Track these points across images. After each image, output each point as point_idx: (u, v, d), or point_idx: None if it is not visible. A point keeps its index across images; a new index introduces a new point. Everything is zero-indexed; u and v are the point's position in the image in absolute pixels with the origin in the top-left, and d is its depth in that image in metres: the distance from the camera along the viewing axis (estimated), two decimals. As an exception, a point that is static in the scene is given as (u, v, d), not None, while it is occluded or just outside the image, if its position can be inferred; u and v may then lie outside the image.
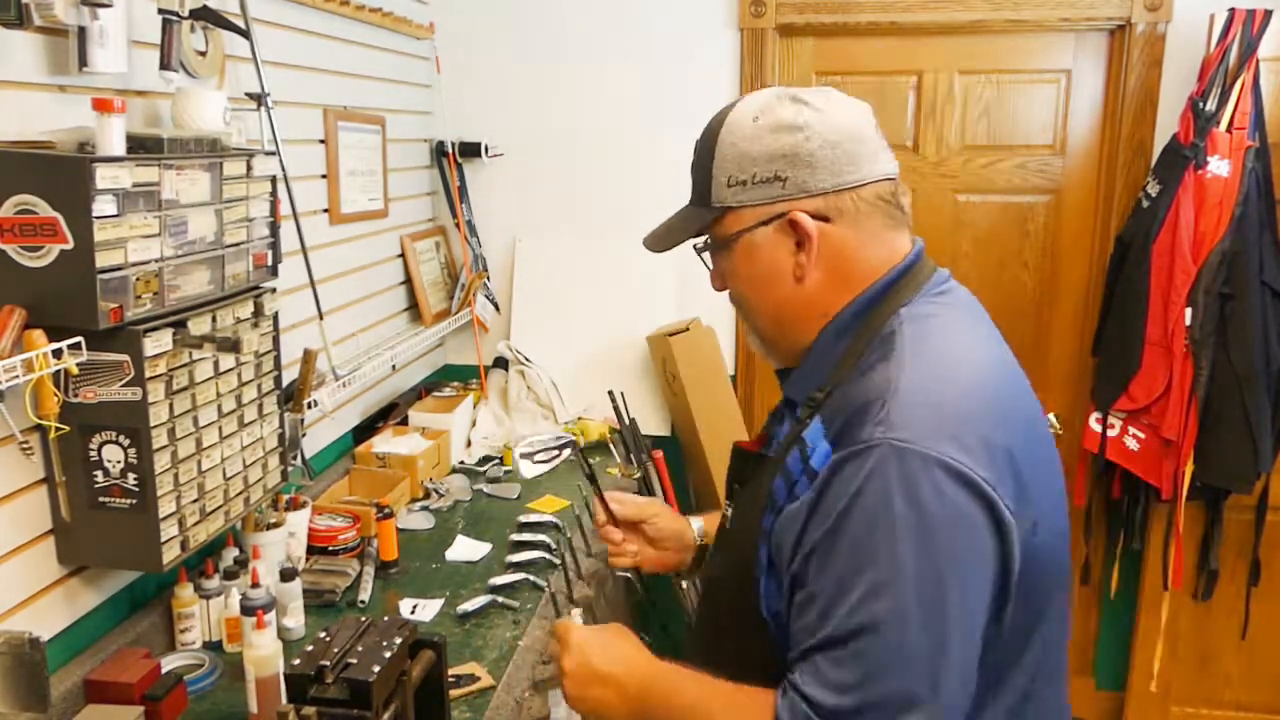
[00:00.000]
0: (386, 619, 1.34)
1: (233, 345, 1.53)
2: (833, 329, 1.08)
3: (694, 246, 1.16)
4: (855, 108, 1.08)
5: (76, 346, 1.36)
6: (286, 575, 1.80)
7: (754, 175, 1.06)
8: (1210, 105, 2.56)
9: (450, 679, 1.52)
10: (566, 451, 1.41)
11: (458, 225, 3.07)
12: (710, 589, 1.25)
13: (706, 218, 1.11)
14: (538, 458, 1.38)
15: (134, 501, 1.47)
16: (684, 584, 1.54)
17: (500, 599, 1.93)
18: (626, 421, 2.70)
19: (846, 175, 1.04)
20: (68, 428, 1.41)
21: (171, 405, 1.49)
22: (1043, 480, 0.99)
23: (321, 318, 2.18)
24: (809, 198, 1.04)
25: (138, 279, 1.40)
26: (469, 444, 2.83)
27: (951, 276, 1.14)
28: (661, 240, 1.17)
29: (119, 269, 1.36)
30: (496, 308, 3.16)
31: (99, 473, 1.47)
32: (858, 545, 0.92)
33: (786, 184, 1.05)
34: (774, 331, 1.14)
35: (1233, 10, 2.53)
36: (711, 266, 1.16)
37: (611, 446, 2.83)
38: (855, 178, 1.05)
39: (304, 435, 2.09)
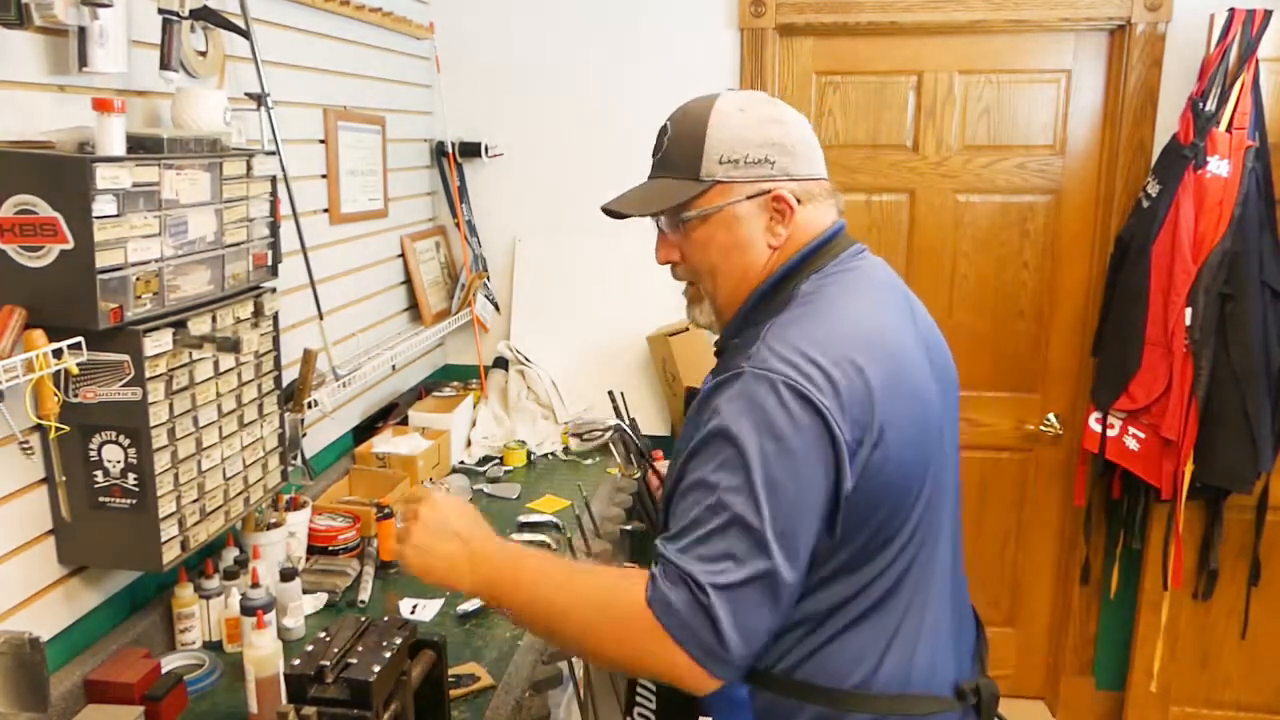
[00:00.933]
0: (386, 619, 1.34)
1: (233, 345, 1.53)
2: (758, 291, 1.25)
3: (659, 217, 1.27)
4: (804, 118, 1.30)
5: (76, 346, 1.36)
6: (286, 575, 1.80)
7: (746, 156, 1.23)
8: (1210, 105, 2.56)
9: (450, 679, 1.52)
10: (611, 432, 1.56)
11: (458, 225, 3.07)
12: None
13: (695, 189, 1.23)
14: (586, 436, 1.58)
15: (134, 501, 1.47)
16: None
17: (500, 599, 1.93)
18: (626, 421, 2.70)
19: (815, 167, 1.27)
20: (68, 428, 1.42)
21: (171, 405, 1.50)
22: (903, 414, 1.14)
23: (321, 318, 2.18)
24: (790, 180, 1.24)
25: (138, 279, 1.40)
26: (469, 444, 2.83)
27: (868, 252, 1.31)
28: (640, 205, 1.26)
29: (119, 269, 1.36)
30: (496, 308, 3.16)
31: (99, 473, 1.47)
32: (715, 445, 1.10)
33: (774, 166, 1.23)
34: (732, 297, 1.28)
35: (1233, 10, 2.53)
36: (671, 235, 1.28)
37: (611, 446, 2.82)
38: (819, 171, 1.28)
39: (304, 435, 2.09)
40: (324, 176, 2.37)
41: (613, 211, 1.29)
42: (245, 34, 1.87)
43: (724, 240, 1.25)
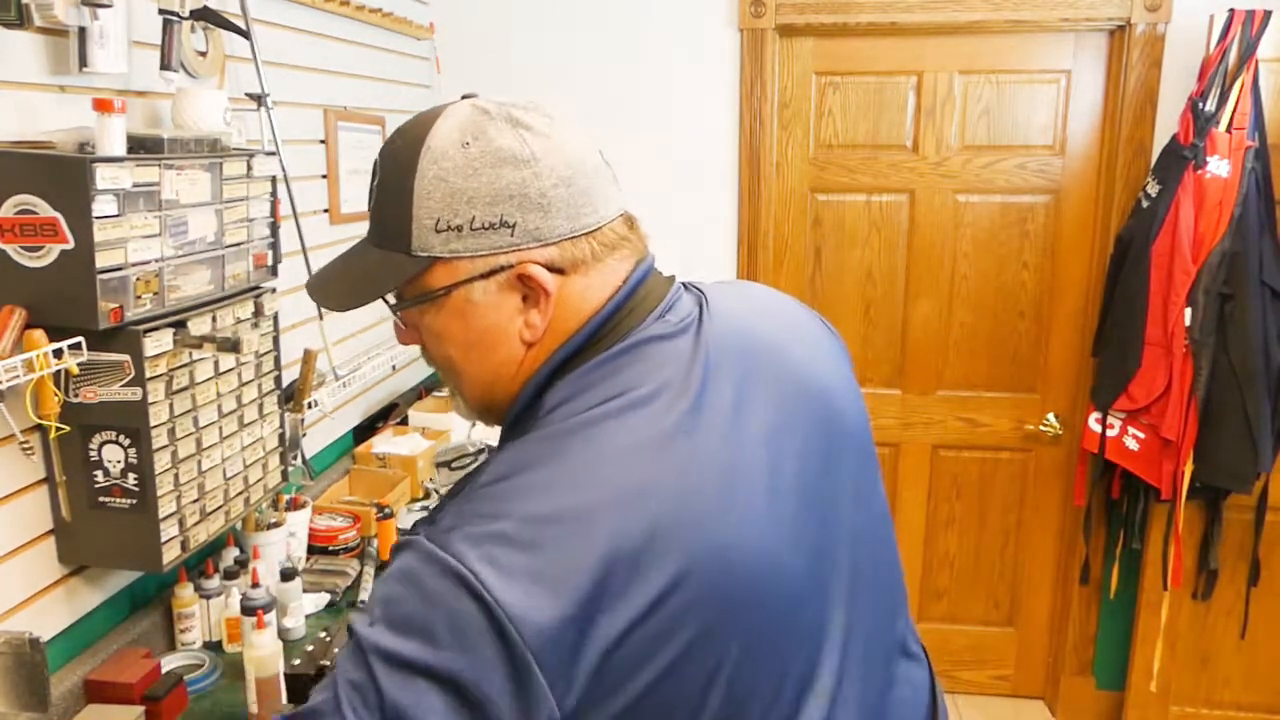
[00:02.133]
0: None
1: (233, 345, 1.53)
2: (515, 407, 0.92)
3: (385, 300, 0.92)
4: (580, 131, 0.92)
5: (77, 346, 1.36)
6: (287, 575, 1.80)
7: (471, 220, 0.85)
8: (1210, 105, 2.56)
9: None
10: (485, 454, 1.16)
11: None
12: None
13: (410, 268, 0.88)
14: (455, 464, 1.20)
15: (134, 501, 1.47)
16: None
17: (500, 599, 1.92)
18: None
19: (584, 218, 0.88)
20: (68, 428, 1.42)
21: (172, 405, 1.50)
22: (733, 625, 0.80)
23: (321, 318, 2.18)
24: (541, 246, 0.86)
25: (138, 279, 1.40)
26: (469, 444, 2.83)
27: (683, 303, 0.94)
28: (349, 296, 0.92)
29: (119, 269, 1.36)
30: (496, 308, 3.16)
31: (99, 473, 1.47)
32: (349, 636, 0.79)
33: (515, 230, 0.86)
34: (486, 398, 0.94)
35: (1232, 11, 2.53)
36: (403, 322, 0.94)
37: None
38: (594, 220, 0.89)
39: (304, 435, 2.09)
40: (324, 176, 2.37)
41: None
42: (245, 34, 1.87)
43: (461, 335, 0.90)
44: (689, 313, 0.93)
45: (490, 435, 2.88)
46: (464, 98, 0.95)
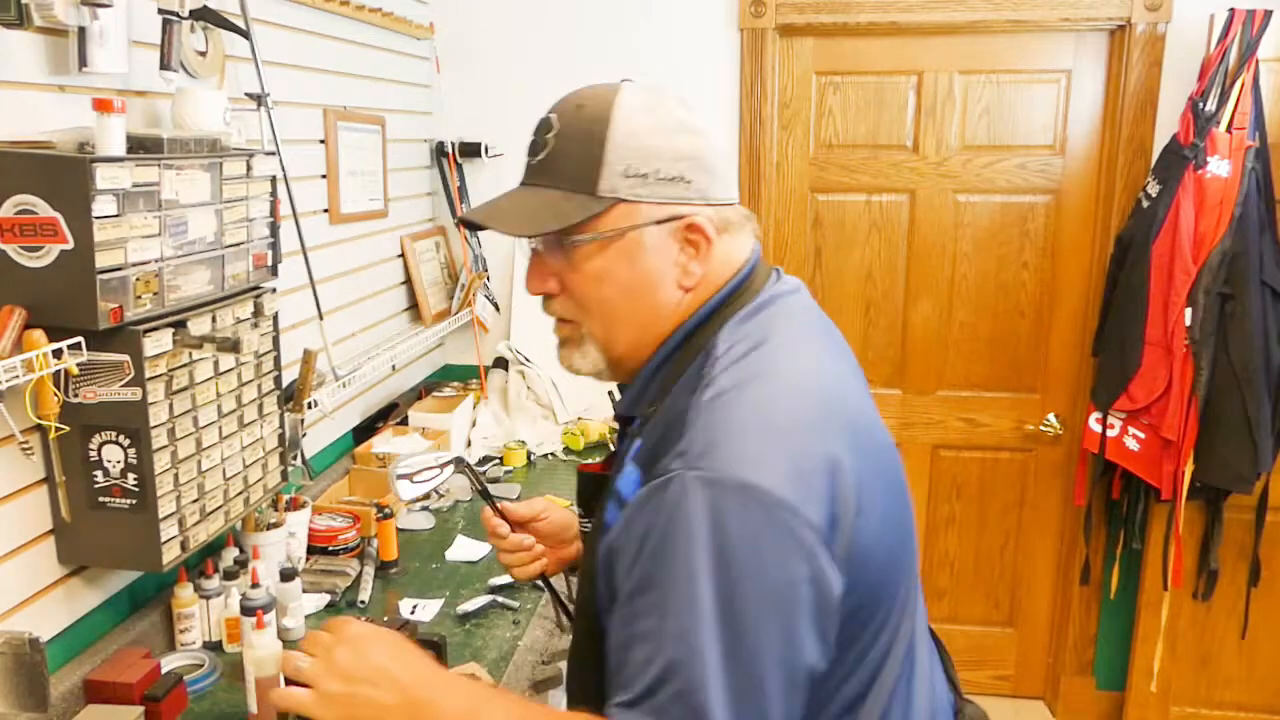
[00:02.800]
0: (386, 619, 1.34)
1: (233, 345, 1.53)
2: (668, 344, 1.03)
3: (535, 239, 1.03)
4: (712, 127, 1.07)
5: (76, 346, 1.36)
6: (286, 575, 1.80)
7: (657, 171, 0.99)
8: (1210, 105, 2.56)
9: (450, 679, 1.51)
10: (449, 470, 1.30)
11: (458, 225, 3.07)
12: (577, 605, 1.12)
13: (593, 207, 0.98)
14: (418, 478, 1.28)
15: (134, 501, 1.47)
16: (572, 578, 1.39)
17: (500, 599, 1.93)
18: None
19: (731, 190, 1.05)
20: (68, 428, 1.42)
21: (171, 405, 1.49)
22: (882, 495, 0.96)
23: (321, 318, 2.18)
24: (706, 205, 1.01)
25: (138, 279, 1.40)
26: (469, 444, 2.83)
27: (784, 276, 1.11)
28: (520, 223, 1.01)
29: (119, 269, 1.36)
30: (496, 308, 3.16)
31: (99, 473, 1.47)
32: (663, 581, 0.86)
33: (691, 186, 1.00)
34: (632, 349, 1.04)
35: (1232, 10, 2.54)
36: (551, 260, 1.03)
37: (612, 447, 2.83)
38: (734, 193, 1.07)
39: (304, 435, 2.09)
40: (324, 176, 2.37)
41: (474, 224, 1.05)
42: (245, 34, 1.87)
43: (624, 275, 1.00)
44: (793, 279, 1.12)
45: (491, 434, 2.88)
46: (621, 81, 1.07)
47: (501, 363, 3.09)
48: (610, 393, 2.20)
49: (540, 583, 1.36)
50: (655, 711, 0.84)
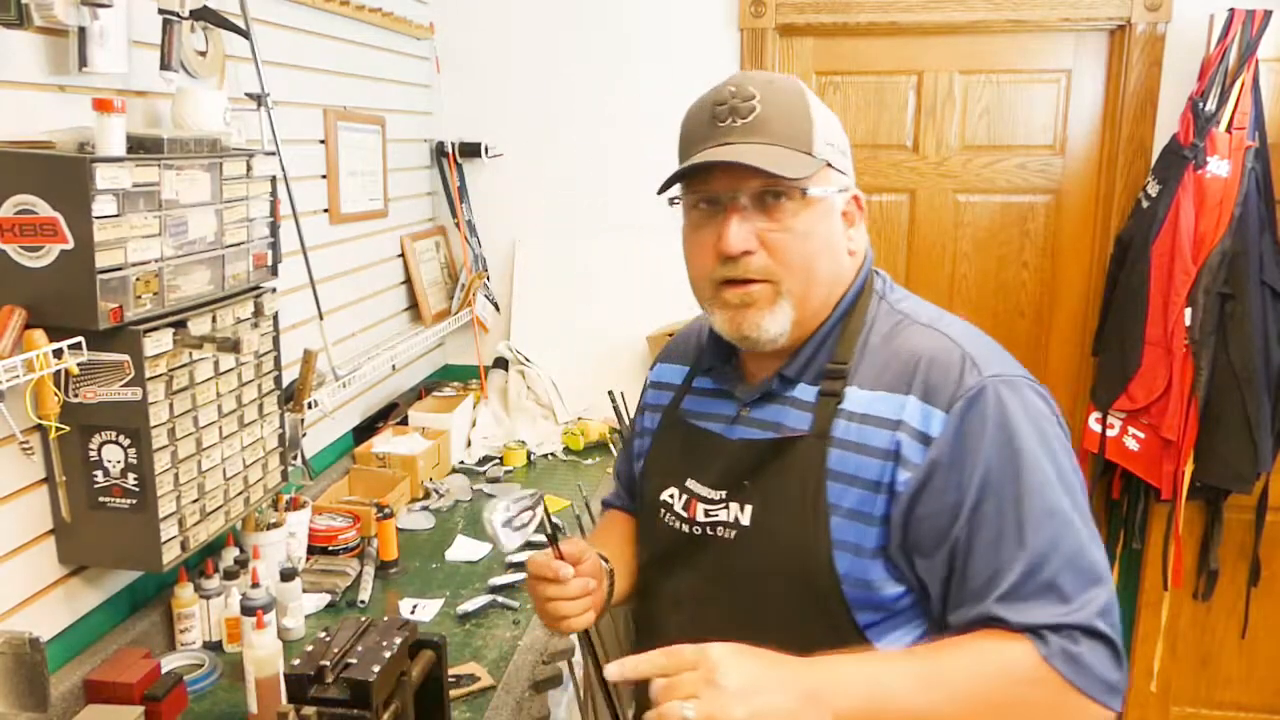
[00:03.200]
0: (386, 619, 1.34)
1: (233, 345, 1.53)
2: (841, 308, 1.12)
3: (738, 193, 1.05)
4: None
5: (76, 346, 1.36)
6: (286, 575, 1.80)
7: (838, 145, 1.11)
8: (1210, 105, 2.56)
9: (450, 679, 1.52)
10: (540, 506, 1.20)
11: (458, 225, 3.07)
12: (729, 594, 1.12)
13: (814, 164, 1.06)
14: (517, 522, 1.17)
15: (134, 501, 1.47)
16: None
17: (500, 599, 1.93)
18: (627, 421, 2.70)
19: None
20: (68, 428, 1.42)
21: (171, 405, 1.50)
22: None
23: (321, 318, 2.18)
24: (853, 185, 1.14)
25: (138, 279, 1.40)
26: (469, 444, 2.83)
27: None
28: (773, 162, 1.02)
29: (119, 269, 1.36)
30: (496, 308, 3.16)
31: (99, 473, 1.47)
32: (1015, 472, 0.98)
33: (850, 165, 1.14)
34: (821, 302, 1.11)
35: (1232, 10, 2.53)
36: (759, 217, 1.06)
37: (612, 447, 2.83)
38: None
39: (304, 435, 2.09)
40: (324, 176, 2.37)
41: (695, 168, 1.06)
42: (245, 34, 1.87)
43: (824, 234, 1.09)
44: None
45: (491, 434, 2.88)
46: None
47: (501, 363, 3.09)
48: (610, 392, 2.21)
49: (591, 639, 1.22)
50: (1049, 587, 0.95)
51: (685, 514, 1.17)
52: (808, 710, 0.88)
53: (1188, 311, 2.59)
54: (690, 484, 1.17)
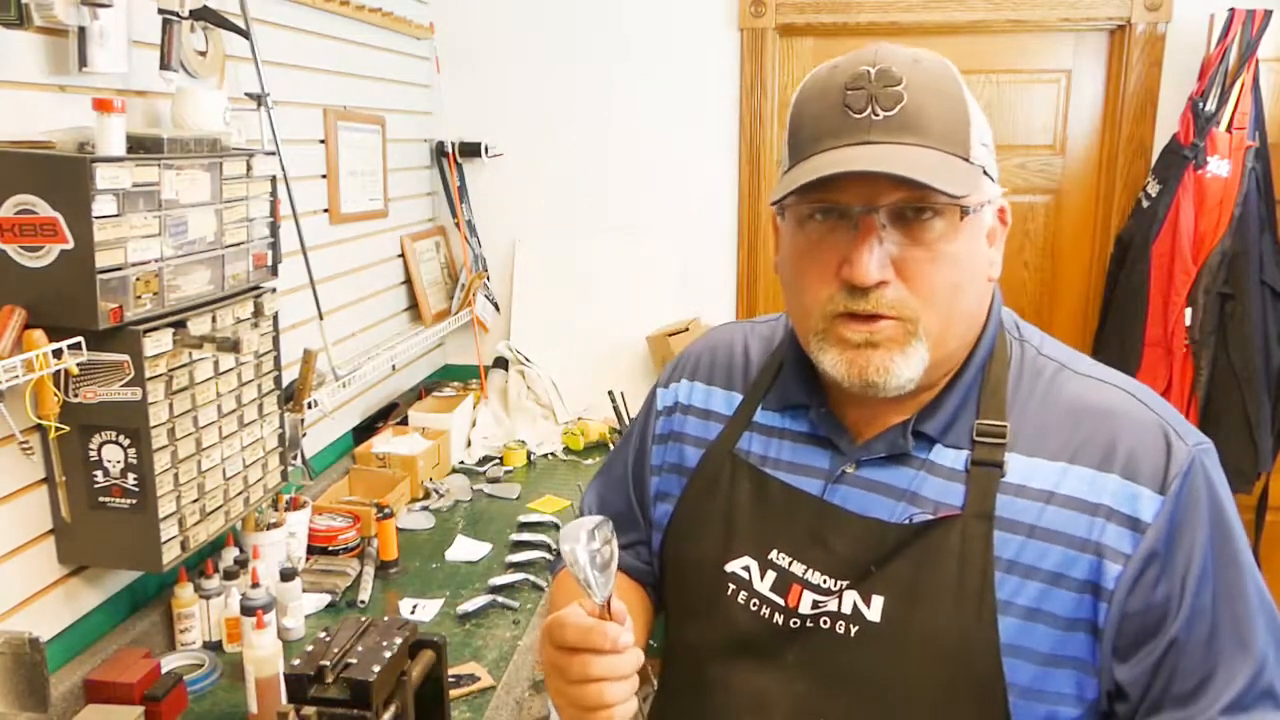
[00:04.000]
0: (386, 619, 1.34)
1: (233, 345, 1.53)
2: (982, 352, 0.92)
3: (877, 210, 0.83)
4: None
5: (76, 346, 1.36)
6: (286, 575, 1.80)
7: (991, 146, 0.88)
8: (1210, 105, 2.56)
9: (450, 679, 1.52)
10: (614, 541, 0.86)
11: (458, 225, 3.07)
12: (846, 704, 0.90)
13: (973, 175, 0.84)
14: (599, 559, 0.84)
15: (134, 501, 1.47)
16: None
17: (500, 599, 1.93)
18: (627, 422, 2.70)
19: None
20: (68, 428, 1.41)
21: (171, 405, 1.49)
22: None
23: (321, 318, 2.18)
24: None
25: (138, 279, 1.40)
26: (469, 444, 2.83)
27: None
28: (933, 175, 0.80)
29: (119, 269, 1.36)
30: (496, 308, 3.16)
31: (99, 473, 1.47)
32: (1231, 559, 0.84)
33: (996, 169, 0.90)
34: (961, 342, 0.90)
35: (1232, 10, 2.53)
36: (896, 241, 0.84)
37: (612, 447, 2.83)
38: None
39: (304, 435, 2.09)
40: (324, 176, 2.37)
41: (830, 180, 0.82)
42: (245, 34, 1.87)
43: (968, 258, 0.86)
44: None
45: (491, 434, 2.88)
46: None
47: (501, 363, 3.09)
48: (610, 392, 2.04)
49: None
50: (1268, 693, 0.82)
51: (778, 599, 0.93)
52: None
53: (1188, 311, 2.59)
54: (777, 557, 0.94)
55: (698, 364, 1.10)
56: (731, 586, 0.95)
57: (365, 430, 2.60)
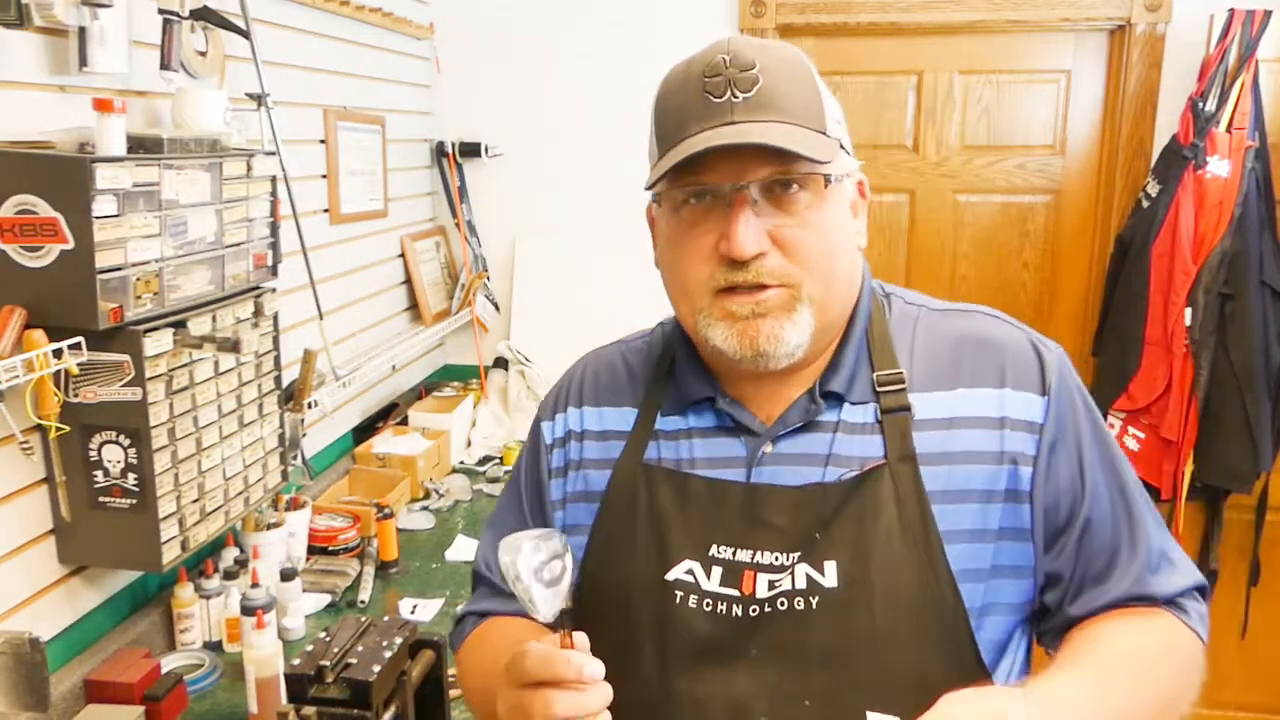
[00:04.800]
0: (386, 619, 1.34)
1: (233, 345, 1.53)
2: (864, 311, 0.97)
3: (750, 185, 0.86)
4: None
5: (76, 346, 1.36)
6: (286, 575, 1.80)
7: (843, 124, 0.94)
8: (1210, 105, 2.56)
9: (450, 679, 1.52)
10: (568, 554, 0.84)
11: (458, 225, 3.07)
12: (822, 676, 0.88)
13: (831, 146, 0.88)
14: (548, 573, 0.81)
15: (134, 501, 1.47)
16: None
17: (500, 599, 1.93)
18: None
19: None
20: (68, 428, 1.41)
21: (171, 405, 1.49)
22: None
23: (321, 318, 2.18)
24: None
25: (138, 279, 1.40)
26: (469, 444, 2.83)
27: None
28: (815, 149, 0.86)
29: (119, 269, 1.36)
30: (496, 308, 3.16)
31: (99, 473, 1.47)
32: (1103, 442, 0.94)
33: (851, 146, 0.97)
34: (842, 306, 0.94)
35: (1232, 10, 2.53)
36: (770, 211, 0.88)
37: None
38: None
39: (304, 435, 2.09)
40: (324, 176, 2.37)
41: (691, 155, 0.86)
42: (245, 34, 1.87)
43: (838, 227, 0.91)
44: None
45: (491, 434, 2.88)
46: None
47: (501, 363, 3.09)
48: None
49: None
50: (1164, 555, 0.92)
51: (732, 591, 0.90)
52: None
53: (1188, 311, 2.59)
54: (719, 552, 0.92)
55: (581, 389, 1.08)
56: (679, 594, 0.92)
57: (365, 430, 2.60)
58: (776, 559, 0.90)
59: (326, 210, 2.39)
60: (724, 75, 0.87)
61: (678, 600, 0.92)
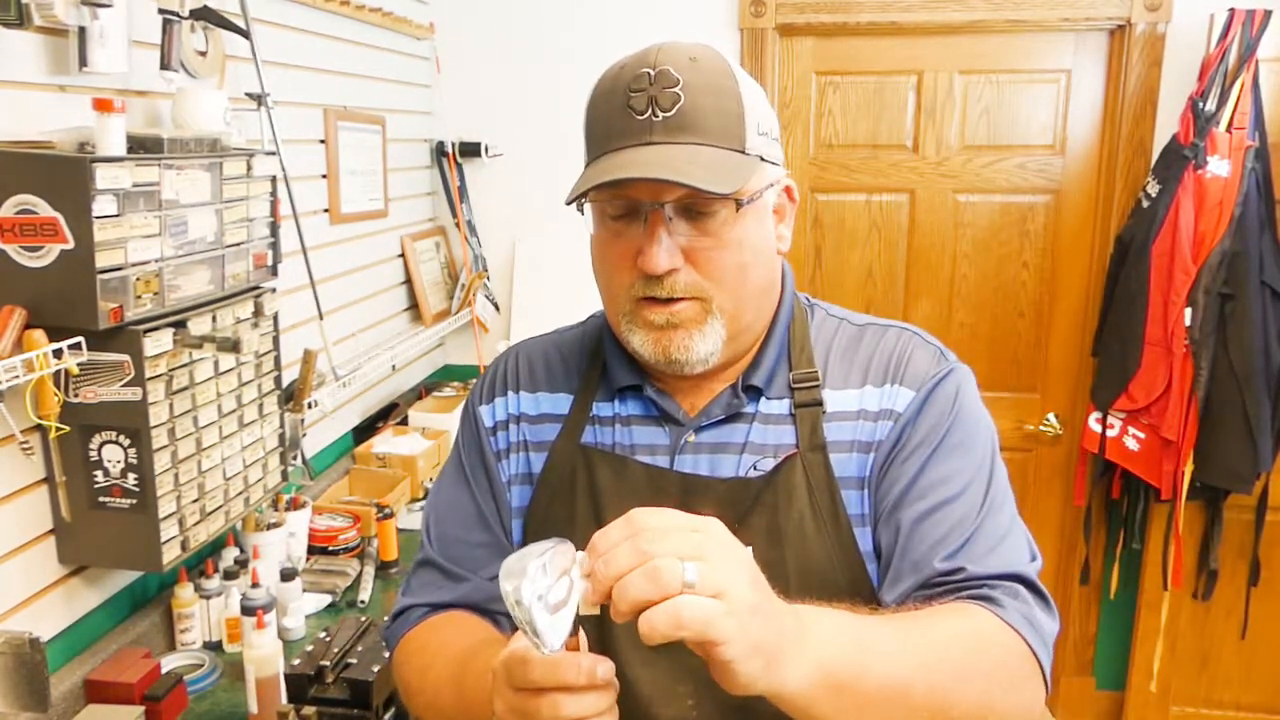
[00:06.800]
0: (386, 619, 1.34)
1: (233, 345, 1.53)
2: (784, 310, 1.03)
3: (664, 204, 0.91)
4: None
5: (76, 346, 1.36)
6: (286, 575, 1.80)
7: (771, 131, 0.97)
8: (1210, 105, 2.56)
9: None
10: (578, 573, 0.73)
11: (458, 225, 3.07)
12: None
13: (749, 166, 0.92)
14: (554, 598, 0.70)
15: (134, 501, 1.47)
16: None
17: (500, 599, 1.92)
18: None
19: None
20: (68, 428, 1.42)
21: (171, 405, 1.50)
22: None
23: (321, 318, 2.18)
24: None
25: (138, 279, 1.40)
26: (469, 444, 2.83)
27: None
28: (726, 181, 0.88)
29: (119, 269, 1.36)
30: (496, 308, 3.16)
31: (99, 473, 1.47)
32: (968, 457, 0.97)
33: (780, 150, 1.00)
34: (756, 313, 0.99)
35: (1232, 10, 2.53)
36: (680, 231, 0.92)
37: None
38: None
39: (304, 435, 2.09)
40: (324, 176, 2.37)
41: (616, 182, 0.91)
42: (245, 34, 1.87)
43: (756, 240, 0.95)
44: None
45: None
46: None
47: (501, 363, 3.09)
48: None
49: None
50: (992, 550, 0.92)
51: None
52: (791, 642, 0.71)
53: (1188, 311, 2.59)
54: None
55: (516, 375, 1.11)
56: None
57: (365, 430, 2.60)
58: None
59: (326, 210, 2.39)
60: (647, 91, 0.92)
61: None
